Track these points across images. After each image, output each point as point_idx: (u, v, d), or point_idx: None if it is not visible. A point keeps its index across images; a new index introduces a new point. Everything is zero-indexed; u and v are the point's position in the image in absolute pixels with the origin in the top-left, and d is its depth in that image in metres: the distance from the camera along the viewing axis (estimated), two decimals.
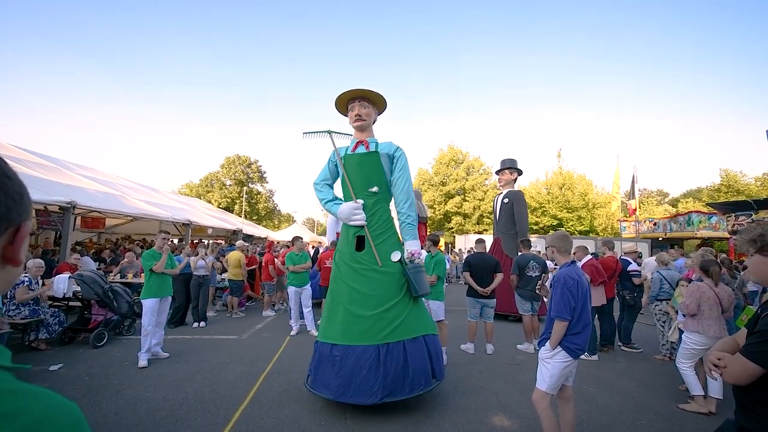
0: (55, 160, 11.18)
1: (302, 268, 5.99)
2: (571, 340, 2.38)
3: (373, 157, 3.41)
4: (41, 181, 7.66)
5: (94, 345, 4.87)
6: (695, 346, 3.47)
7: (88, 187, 9.40)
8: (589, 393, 3.79)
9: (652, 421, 3.25)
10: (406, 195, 3.40)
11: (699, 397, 3.44)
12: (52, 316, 4.93)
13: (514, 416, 3.21)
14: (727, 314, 3.54)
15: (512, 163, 8.19)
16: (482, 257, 5.30)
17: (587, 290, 2.46)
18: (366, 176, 3.44)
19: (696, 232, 16.35)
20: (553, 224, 24.38)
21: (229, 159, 33.98)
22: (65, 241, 7.24)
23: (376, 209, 3.42)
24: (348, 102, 3.54)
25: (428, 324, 3.45)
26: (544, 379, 2.42)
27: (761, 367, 1.18)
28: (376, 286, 3.25)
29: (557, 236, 2.63)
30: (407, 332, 3.17)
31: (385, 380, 3.00)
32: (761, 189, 23.73)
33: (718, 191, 26.08)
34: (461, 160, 26.46)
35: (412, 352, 3.13)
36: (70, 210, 7.02)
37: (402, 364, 3.07)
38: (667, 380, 4.20)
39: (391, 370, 3.02)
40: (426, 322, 3.44)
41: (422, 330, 3.30)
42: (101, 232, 13.78)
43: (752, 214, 12.73)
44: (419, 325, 3.30)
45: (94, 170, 13.39)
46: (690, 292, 3.56)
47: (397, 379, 3.04)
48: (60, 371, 4.04)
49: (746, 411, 1.26)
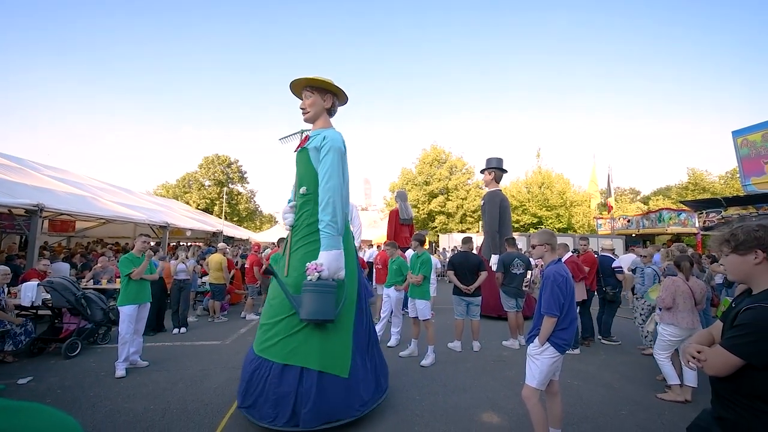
0: (19, 160, 10.57)
1: None
2: (558, 336, 2.44)
3: (302, 154, 3.08)
4: (5, 182, 7.21)
5: (67, 355, 4.61)
6: (671, 337, 3.63)
7: (56, 188, 8.92)
8: (573, 386, 3.90)
9: (633, 410, 3.37)
10: (323, 194, 2.87)
11: (675, 387, 3.60)
12: (20, 327, 4.63)
13: (503, 412, 3.26)
14: (700, 306, 3.73)
15: (489, 164, 8.19)
16: (466, 256, 5.36)
17: (573, 287, 2.52)
18: (299, 175, 3.14)
19: (666, 228, 17.13)
20: (533, 222, 25.01)
21: (207, 159, 33.04)
22: (32, 245, 6.83)
23: (302, 212, 3.06)
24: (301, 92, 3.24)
25: (324, 359, 2.75)
26: (534, 375, 2.46)
27: (741, 359, 1.23)
28: (275, 295, 2.98)
29: (547, 234, 2.68)
30: (279, 355, 2.75)
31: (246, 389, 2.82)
32: (725, 187, 25.17)
33: (686, 189, 27.51)
34: (444, 159, 26.73)
35: (274, 379, 2.72)
36: (38, 213, 6.63)
37: (262, 386, 2.75)
38: (645, 371, 4.37)
39: (253, 387, 2.79)
40: (324, 355, 2.76)
41: (306, 361, 2.72)
42: (71, 236, 13.12)
43: (721, 211, 13.45)
44: (306, 354, 2.74)
45: (63, 171, 12.73)
46: (665, 287, 3.72)
47: (258, 398, 2.76)
48: (29, 384, 3.81)
49: (724, 401, 1.31)
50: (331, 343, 2.85)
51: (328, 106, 3.14)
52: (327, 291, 2.73)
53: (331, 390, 2.75)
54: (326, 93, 3.13)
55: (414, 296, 4.77)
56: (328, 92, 3.14)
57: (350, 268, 3.07)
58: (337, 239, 2.86)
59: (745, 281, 1.40)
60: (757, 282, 1.33)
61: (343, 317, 2.96)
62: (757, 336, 1.21)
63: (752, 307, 1.26)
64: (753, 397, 1.23)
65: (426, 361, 4.51)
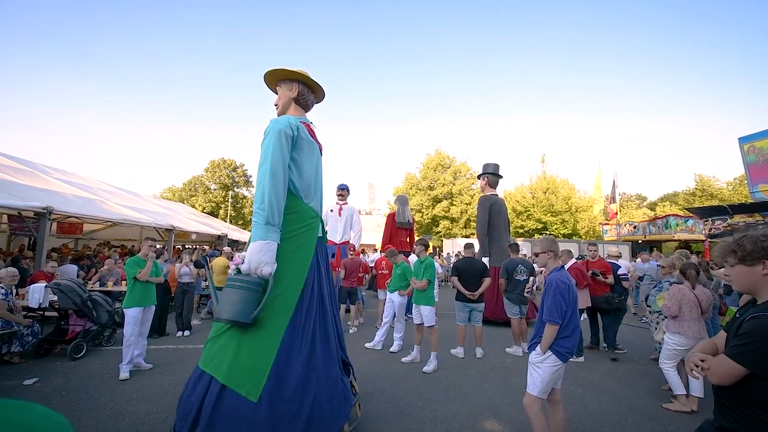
0: (29, 163, 10.75)
1: None
2: (560, 344, 2.42)
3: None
4: (15, 185, 7.34)
5: (72, 357, 4.66)
6: (677, 346, 3.58)
7: (65, 191, 9.06)
8: (577, 394, 3.85)
9: (638, 421, 3.32)
10: (258, 179, 2.50)
11: (682, 396, 3.55)
12: (27, 328, 4.69)
13: (506, 420, 3.23)
14: (706, 315, 3.68)
15: (485, 169, 8.33)
16: (469, 262, 5.35)
17: (576, 294, 2.51)
18: None
19: (674, 235, 16.93)
20: (537, 228, 24.85)
21: (213, 162, 33.39)
22: (40, 248, 6.93)
23: None
24: None
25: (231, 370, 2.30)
26: (535, 383, 2.45)
27: (745, 368, 1.23)
28: None
29: (550, 240, 2.67)
30: (201, 358, 2.48)
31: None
32: (732, 193, 24.86)
33: (693, 195, 27.22)
34: (448, 164, 26.73)
35: (189, 386, 2.43)
36: (46, 216, 6.74)
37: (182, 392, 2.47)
38: (650, 380, 4.32)
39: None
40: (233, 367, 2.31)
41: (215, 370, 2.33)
42: (78, 238, 13.28)
43: (727, 219, 13.28)
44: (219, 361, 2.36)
45: (71, 174, 12.93)
46: (671, 295, 3.68)
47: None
48: (35, 385, 3.85)
49: (726, 410, 1.31)
50: (246, 353, 2.35)
51: (294, 95, 2.88)
52: (244, 288, 2.33)
53: (229, 413, 2.22)
54: (291, 83, 2.91)
55: (419, 302, 4.76)
56: (294, 81, 2.91)
57: (297, 267, 2.58)
58: (265, 229, 2.40)
59: (751, 292, 1.39)
60: (764, 292, 1.32)
61: (271, 325, 2.42)
62: (761, 345, 1.21)
63: (757, 317, 1.26)
64: (756, 407, 1.22)
65: (428, 367, 4.49)
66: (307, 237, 2.71)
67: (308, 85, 2.94)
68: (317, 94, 3.06)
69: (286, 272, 2.52)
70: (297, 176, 2.67)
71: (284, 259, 2.51)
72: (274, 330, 2.43)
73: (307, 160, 2.72)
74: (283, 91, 2.91)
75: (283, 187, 2.49)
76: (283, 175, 2.49)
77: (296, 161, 2.66)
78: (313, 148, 2.80)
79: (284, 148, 2.52)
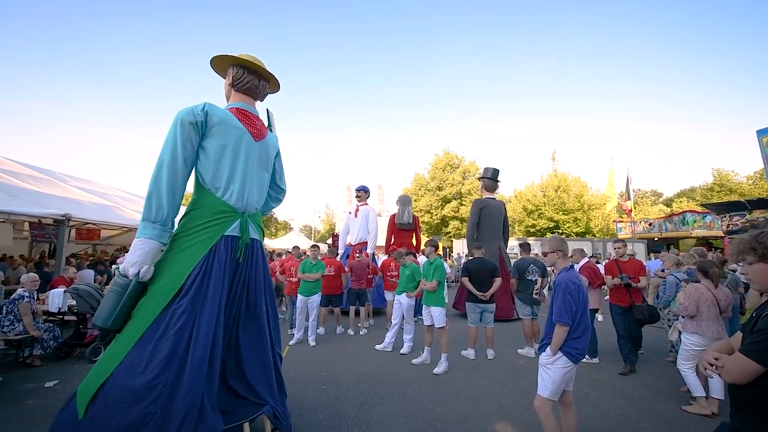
0: (48, 172, 11.09)
1: (312, 277, 5.85)
2: (571, 345, 2.38)
3: None
4: (35, 193, 7.59)
5: (91, 359, 4.78)
6: (694, 347, 3.48)
7: (82, 199, 9.33)
8: (592, 396, 3.78)
9: (655, 423, 3.24)
10: None
11: (701, 399, 3.44)
12: (47, 332, 4.85)
13: (517, 422, 3.19)
14: (725, 315, 3.56)
15: (483, 173, 8.78)
16: (480, 262, 5.31)
17: (586, 295, 2.47)
18: None
19: (691, 232, 16.47)
20: (549, 227, 24.50)
21: None
22: (60, 254, 7.16)
23: None
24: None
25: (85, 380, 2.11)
26: (546, 385, 2.41)
27: (760, 365, 1.19)
28: None
29: (559, 240, 2.64)
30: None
31: None
32: (753, 187, 24.04)
33: (711, 190, 26.41)
34: (457, 164, 26.59)
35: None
36: (65, 223, 6.96)
37: None
38: (668, 382, 4.20)
39: None
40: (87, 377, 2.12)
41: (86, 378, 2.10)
42: (96, 244, 13.66)
43: (746, 214, 12.86)
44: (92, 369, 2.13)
45: (89, 182, 13.30)
46: (688, 294, 3.58)
47: None
48: (56, 387, 3.97)
49: (742, 412, 1.27)
50: (98, 363, 2.16)
51: (230, 81, 2.66)
52: (112, 290, 2.16)
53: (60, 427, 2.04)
54: (227, 69, 2.69)
55: (429, 303, 4.74)
56: (230, 67, 2.66)
57: (177, 268, 2.25)
58: (141, 226, 2.25)
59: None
60: None
61: (125, 332, 2.14)
62: None
63: None
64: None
65: (439, 368, 4.47)
66: (206, 235, 2.34)
67: (246, 68, 2.62)
68: (266, 79, 2.73)
69: (165, 273, 2.24)
70: (205, 166, 2.38)
71: (169, 259, 2.28)
72: (123, 341, 2.13)
73: (220, 147, 2.39)
74: (225, 80, 2.69)
75: (167, 180, 2.23)
76: (172, 166, 2.23)
77: (205, 149, 2.37)
78: (233, 135, 2.43)
79: (180, 137, 2.25)
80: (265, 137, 2.68)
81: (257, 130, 2.60)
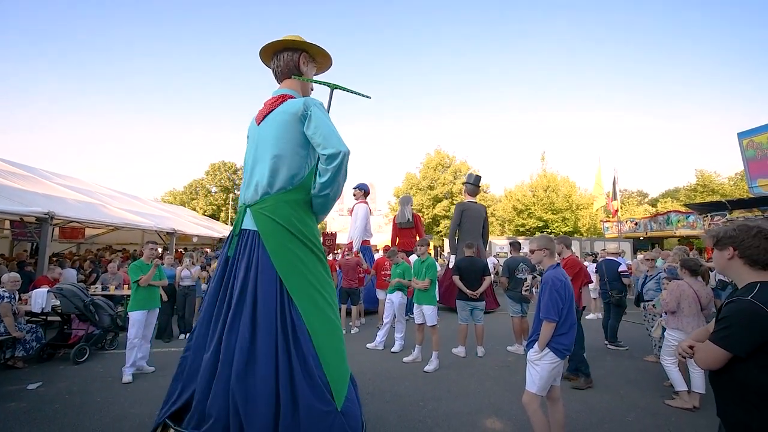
0: (31, 169, 10.79)
1: None
2: (558, 341, 2.43)
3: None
4: (17, 191, 7.37)
5: (75, 361, 4.69)
6: (676, 342, 3.58)
7: (66, 196, 9.10)
8: (579, 392, 3.86)
9: (639, 417, 3.33)
10: None
11: (683, 393, 3.55)
12: (30, 332, 4.73)
13: (506, 418, 3.25)
14: (706, 311, 3.67)
15: (466, 179, 9.54)
16: (471, 261, 5.37)
17: (572, 292, 2.52)
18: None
19: (675, 231, 16.91)
20: (539, 226, 24.81)
21: (214, 166, 33.53)
22: (43, 253, 6.97)
23: None
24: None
25: None
26: (534, 381, 2.46)
27: (726, 350, 1.27)
28: None
29: (546, 239, 2.68)
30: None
31: None
32: (734, 188, 24.80)
33: (694, 191, 27.17)
34: (448, 164, 26.73)
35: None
36: (48, 221, 6.78)
37: None
38: (652, 377, 4.32)
39: None
40: None
41: None
42: (80, 243, 13.34)
43: (726, 214, 13.27)
44: None
45: (72, 179, 12.98)
46: (670, 290, 3.69)
47: None
48: (39, 389, 3.88)
49: (719, 398, 1.36)
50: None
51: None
52: None
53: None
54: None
55: (421, 302, 4.78)
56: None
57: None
58: None
59: (723, 274, 1.55)
60: (737, 277, 1.43)
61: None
62: (737, 326, 1.26)
63: (733, 300, 1.33)
64: (743, 390, 1.26)
65: (430, 366, 4.50)
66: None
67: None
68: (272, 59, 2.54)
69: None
70: None
71: None
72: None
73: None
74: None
75: None
76: None
77: None
78: (250, 128, 2.44)
79: None
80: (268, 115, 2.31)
81: (260, 113, 2.38)
